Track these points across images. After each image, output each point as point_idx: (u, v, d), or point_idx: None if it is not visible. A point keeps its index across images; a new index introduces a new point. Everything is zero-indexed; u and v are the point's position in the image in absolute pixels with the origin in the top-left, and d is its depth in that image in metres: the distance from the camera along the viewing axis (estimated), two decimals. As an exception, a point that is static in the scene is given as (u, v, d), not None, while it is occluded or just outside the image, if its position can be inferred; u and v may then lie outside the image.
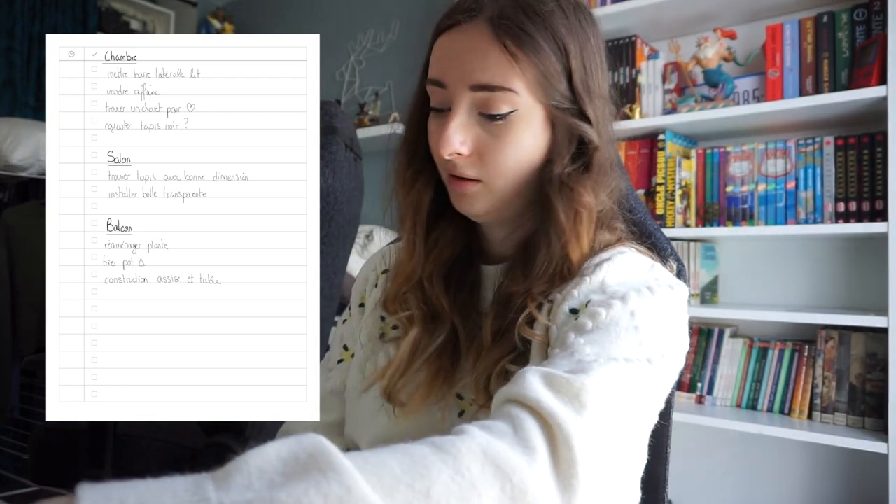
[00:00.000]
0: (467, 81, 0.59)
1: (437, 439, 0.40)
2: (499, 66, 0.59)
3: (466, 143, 0.61)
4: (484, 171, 0.61)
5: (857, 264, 1.77)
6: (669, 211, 1.84)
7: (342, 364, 0.76)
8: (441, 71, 0.62)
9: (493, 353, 0.62)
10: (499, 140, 0.60)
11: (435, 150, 0.63)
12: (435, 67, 0.62)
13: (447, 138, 0.60)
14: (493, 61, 0.59)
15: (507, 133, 0.60)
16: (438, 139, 0.61)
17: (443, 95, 0.62)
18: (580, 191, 0.61)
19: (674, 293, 0.60)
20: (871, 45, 1.59)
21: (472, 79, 0.59)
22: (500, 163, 0.61)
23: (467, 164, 0.61)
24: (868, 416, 1.60)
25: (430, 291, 0.67)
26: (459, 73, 0.60)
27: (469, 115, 0.61)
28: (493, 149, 0.61)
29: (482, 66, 0.59)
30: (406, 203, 0.69)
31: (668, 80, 1.96)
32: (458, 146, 0.60)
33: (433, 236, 0.68)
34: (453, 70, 0.60)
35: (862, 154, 1.63)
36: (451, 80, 0.61)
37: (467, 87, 0.60)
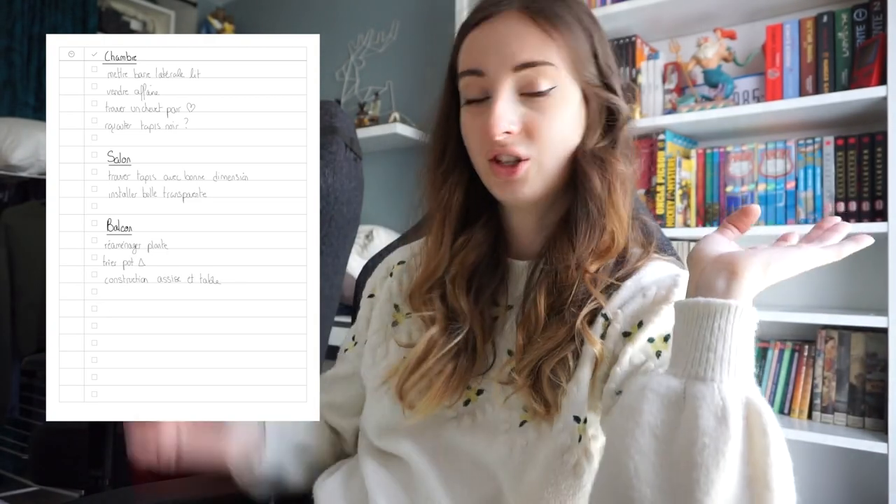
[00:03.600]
0: (509, 64, 0.61)
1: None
2: (538, 45, 0.62)
3: (514, 122, 0.62)
4: (534, 147, 0.62)
5: (857, 264, 1.77)
6: (669, 211, 1.84)
7: (348, 353, 0.80)
8: (478, 60, 0.63)
9: (548, 337, 0.61)
10: (544, 115, 0.62)
11: (479, 138, 0.64)
12: (470, 59, 0.64)
13: (496, 118, 0.61)
14: (532, 40, 0.62)
15: (552, 108, 0.62)
16: (485, 123, 0.62)
17: (481, 84, 0.63)
18: (612, 161, 0.64)
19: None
20: (871, 45, 1.59)
21: (513, 60, 0.61)
22: (549, 137, 0.63)
23: (517, 141, 0.62)
24: (868, 416, 1.60)
25: (451, 293, 0.68)
26: (499, 57, 0.62)
27: (513, 96, 0.62)
28: (541, 124, 0.62)
29: (521, 46, 0.61)
30: (436, 200, 0.70)
31: (668, 80, 1.96)
32: (508, 125, 0.61)
33: (461, 239, 0.69)
34: (493, 56, 0.62)
35: (862, 154, 1.63)
36: (490, 66, 0.62)
37: (509, 69, 0.61)
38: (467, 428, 0.65)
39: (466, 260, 0.68)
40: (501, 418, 0.63)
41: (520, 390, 0.61)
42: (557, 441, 0.59)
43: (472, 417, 0.65)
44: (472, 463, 0.64)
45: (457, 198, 0.69)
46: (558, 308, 0.62)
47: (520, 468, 0.60)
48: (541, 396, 0.59)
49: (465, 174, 0.69)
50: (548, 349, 0.60)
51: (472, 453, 0.64)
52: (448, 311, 0.68)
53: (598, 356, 0.60)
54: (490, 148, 0.63)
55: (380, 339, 0.74)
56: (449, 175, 0.69)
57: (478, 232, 0.70)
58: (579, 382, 0.59)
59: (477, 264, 0.69)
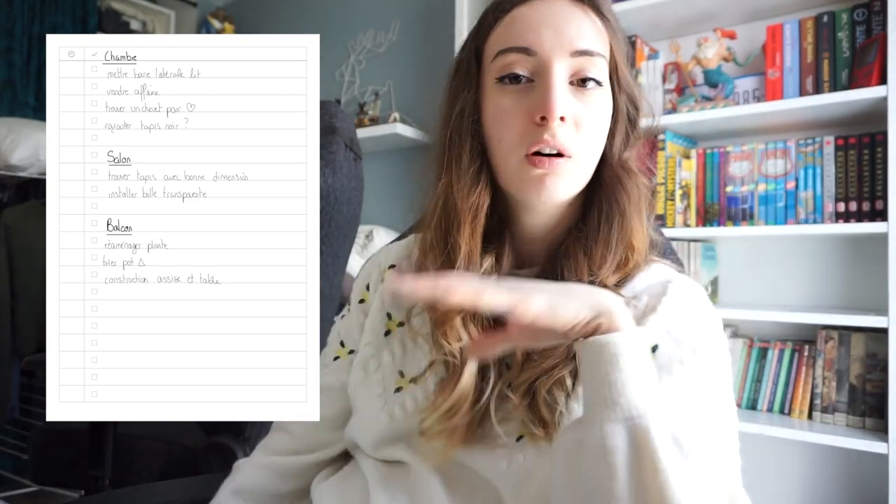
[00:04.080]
0: (568, 47, 0.58)
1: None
2: (597, 33, 0.59)
3: (567, 111, 0.57)
4: (578, 142, 0.58)
5: (857, 264, 1.77)
6: (669, 211, 1.84)
7: (338, 361, 0.73)
8: (530, 37, 0.58)
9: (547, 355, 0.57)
10: (591, 109, 0.59)
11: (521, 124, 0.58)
12: (516, 35, 0.59)
13: (554, 100, 0.56)
14: (592, 27, 0.59)
15: (597, 103, 0.59)
16: (533, 107, 0.57)
17: (529, 64, 0.58)
18: (636, 172, 0.62)
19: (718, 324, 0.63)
20: (872, 45, 1.59)
21: (572, 44, 0.58)
22: (593, 132, 0.59)
23: (566, 132, 0.57)
24: (868, 417, 1.60)
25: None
26: (557, 37, 0.58)
27: (566, 82, 0.58)
28: (588, 118, 0.59)
29: (580, 31, 0.58)
30: (466, 206, 0.61)
31: (668, 80, 1.96)
32: (564, 109, 0.57)
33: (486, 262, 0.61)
34: (549, 34, 0.58)
35: (862, 154, 1.63)
36: (545, 46, 0.58)
37: (567, 52, 0.58)
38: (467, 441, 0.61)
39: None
40: (498, 432, 0.59)
41: (516, 410, 0.58)
42: None
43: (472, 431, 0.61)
44: (474, 475, 0.61)
45: (485, 202, 0.61)
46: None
47: (519, 483, 0.58)
48: (538, 417, 0.56)
49: (489, 175, 0.62)
50: (545, 368, 0.57)
51: (473, 466, 0.61)
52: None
53: None
54: (535, 137, 0.57)
55: (372, 351, 0.69)
56: (480, 175, 0.61)
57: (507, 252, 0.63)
58: (580, 399, 0.56)
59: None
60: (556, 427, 0.56)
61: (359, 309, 0.73)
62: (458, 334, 0.59)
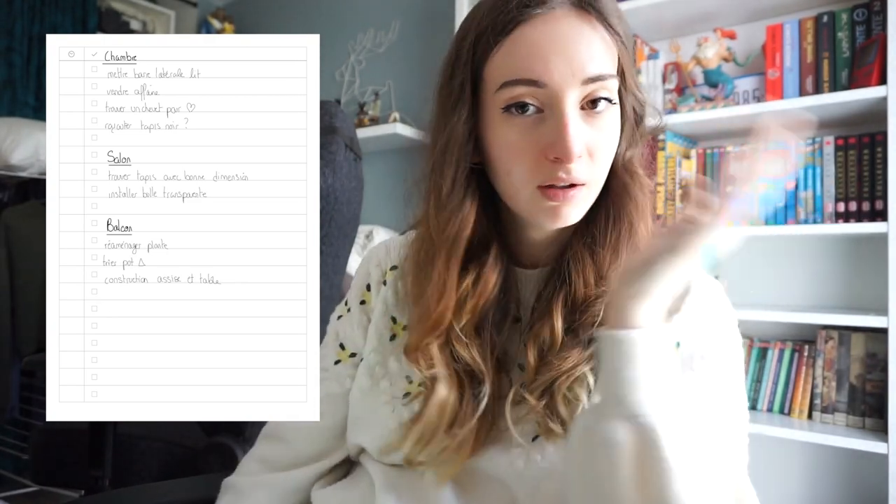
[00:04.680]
0: (580, 75, 0.53)
1: None
2: (605, 52, 0.55)
3: (582, 143, 0.54)
4: (593, 170, 0.56)
5: (856, 264, 1.77)
6: (669, 211, 1.84)
7: (339, 366, 0.70)
8: (537, 68, 0.53)
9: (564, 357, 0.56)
10: (603, 133, 0.56)
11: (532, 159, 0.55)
12: (521, 65, 0.54)
13: (571, 140, 0.52)
14: (602, 46, 0.55)
15: (608, 124, 0.56)
16: (547, 144, 0.54)
17: (538, 95, 0.54)
18: (642, 174, 0.61)
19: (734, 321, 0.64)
20: (871, 45, 1.59)
21: (584, 72, 0.53)
22: (606, 158, 0.57)
23: (582, 166, 0.54)
24: (868, 417, 1.60)
25: (464, 349, 0.58)
26: (568, 67, 0.53)
27: (577, 110, 0.54)
28: (603, 144, 0.56)
29: (591, 54, 0.54)
30: (442, 238, 0.59)
31: (668, 80, 1.96)
32: (581, 148, 0.53)
33: (467, 280, 0.59)
34: (559, 64, 0.53)
35: (862, 154, 1.63)
36: (555, 77, 0.53)
37: (579, 81, 0.53)
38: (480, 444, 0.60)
39: (478, 306, 0.59)
40: (514, 432, 0.58)
41: (533, 411, 0.56)
42: None
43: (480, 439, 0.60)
44: (488, 478, 0.60)
45: (466, 232, 0.59)
46: (574, 327, 0.58)
47: (536, 483, 0.57)
48: (556, 415, 0.56)
49: (477, 202, 0.60)
50: (564, 370, 0.56)
51: (488, 469, 0.60)
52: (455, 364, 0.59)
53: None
54: (549, 174, 0.54)
55: (378, 358, 0.66)
56: (462, 205, 0.59)
57: (491, 271, 0.60)
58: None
59: (488, 309, 0.60)
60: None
61: (360, 310, 0.71)
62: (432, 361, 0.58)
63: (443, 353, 0.59)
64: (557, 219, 0.56)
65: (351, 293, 0.73)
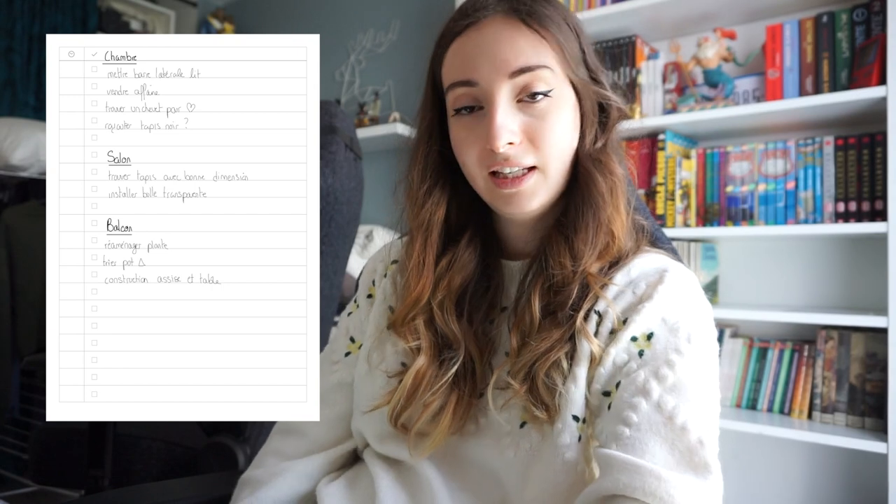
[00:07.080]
0: (504, 70, 0.59)
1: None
2: (532, 47, 0.60)
3: (516, 132, 0.60)
4: (539, 155, 0.61)
5: (856, 264, 1.77)
6: (669, 211, 1.84)
7: (350, 357, 0.75)
8: (469, 69, 0.61)
9: (542, 338, 0.60)
10: (545, 121, 0.61)
11: (477, 151, 0.62)
12: (459, 69, 0.62)
13: (497, 129, 0.59)
14: (526, 44, 0.60)
15: (551, 112, 0.61)
16: (483, 135, 0.60)
17: (473, 94, 0.61)
18: (609, 162, 0.64)
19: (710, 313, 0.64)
20: (871, 46, 1.59)
21: (508, 67, 0.59)
22: (553, 142, 0.61)
23: (521, 152, 0.60)
24: (868, 416, 1.60)
25: (441, 319, 0.65)
26: (492, 65, 0.59)
27: (510, 103, 0.60)
28: (543, 130, 0.60)
29: (516, 51, 0.59)
30: (416, 223, 0.67)
31: (668, 80, 1.96)
32: (510, 136, 0.59)
33: (444, 261, 0.66)
34: (485, 64, 0.60)
35: (862, 154, 1.63)
36: (483, 74, 0.60)
37: (505, 76, 0.59)
38: (471, 434, 0.64)
39: (453, 283, 0.66)
40: (502, 419, 0.62)
41: (517, 395, 0.60)
42: (559, 441, 0.58)
43: (475, 423, 0.64)
44: (478, 469, 0.63)
45: (438, 217, 0.66)
46: (552, 309, 0.62)
47: (525, 470, 0.60)
48: (539, 401, 0.59)
49: (447, 190, 0.67)
50: (541, 351, 0.59)
51: (479, 459, 0.63)
52: (437, 339, 0.65)
53: (594, 355, 0.59)
54: (491, 161, 0.61)
55: (375, 344, 0.71)
56: (431, 193, 0.67)
57: (463, 251, 0.67)
58: (577, 381, 0.59)
59: (465, 285, 0.67)
60: (556, 410, 0.59)
61: (367, 303, 0.76)
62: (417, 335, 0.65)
63: (428, 329, 0.65)
64: (513, 205, 0.62)
65: (360, 291, 0.78)
